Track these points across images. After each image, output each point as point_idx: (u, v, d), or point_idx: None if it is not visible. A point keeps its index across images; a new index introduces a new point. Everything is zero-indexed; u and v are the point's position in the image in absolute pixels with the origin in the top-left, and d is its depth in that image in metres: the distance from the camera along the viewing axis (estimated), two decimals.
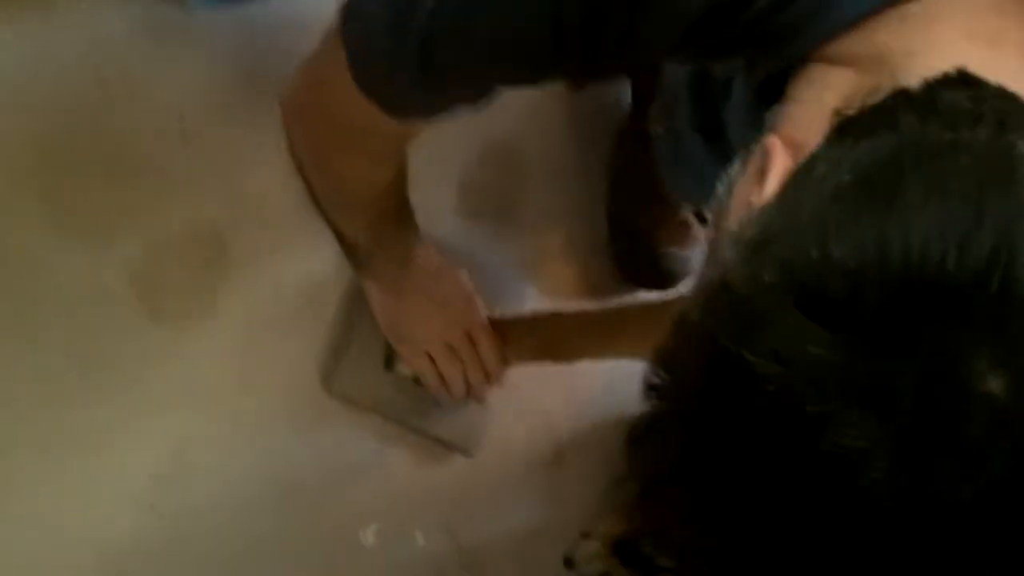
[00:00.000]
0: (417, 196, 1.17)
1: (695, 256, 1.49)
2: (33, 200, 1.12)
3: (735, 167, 0.63)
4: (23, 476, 1.13)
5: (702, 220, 1.47)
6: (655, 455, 0.56)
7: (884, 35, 0.60)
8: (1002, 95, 0.53)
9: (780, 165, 0.56)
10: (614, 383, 1.49)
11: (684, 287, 1.50)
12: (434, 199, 1.33)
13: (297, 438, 1.29)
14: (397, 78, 0.78)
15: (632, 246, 1.48)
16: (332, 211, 1.14)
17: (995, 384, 0.43)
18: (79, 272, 1.14)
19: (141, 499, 1.20)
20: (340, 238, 1.17)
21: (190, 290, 1.21)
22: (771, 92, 0.66)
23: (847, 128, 0.55)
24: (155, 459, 1.20)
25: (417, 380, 1.32)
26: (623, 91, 1.48)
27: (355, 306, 1.30)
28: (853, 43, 0.61)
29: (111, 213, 1.16)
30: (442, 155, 1.35)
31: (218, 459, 1.24)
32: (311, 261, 1.28)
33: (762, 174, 0.57)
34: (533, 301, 1.44)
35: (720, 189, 0.64)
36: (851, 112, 0.56)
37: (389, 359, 1.31)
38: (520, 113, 1.42)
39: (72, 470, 1.15)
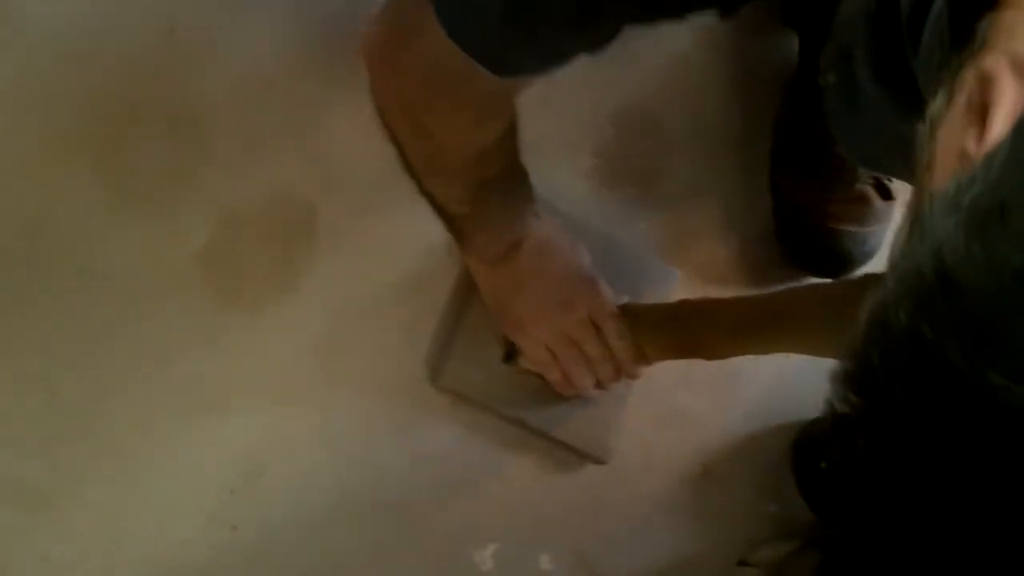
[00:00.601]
0: (540, 162, 0.99)
1: (875, 236, 1.25)
2: (87, 165, 0.98)
3: (937, 103, 0.48)
4: (77, 477, 0.99)
5: (883, 192, 1.24)
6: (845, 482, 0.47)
7: None
8: None
9: (1011, 95, 0.43)
10: (774, 384, 1.28)
11: (861, 273, 1.26)
12: (561, 166, 1.14)
13: (397, 441, 1.12)
14: (485, 17, 0.70)
15: (799, 223, 1.26)
16: (427, 178, 0.96)
17: None
18: (140, 249, 0.99)
19: (216, 514, 1.04)
20: (437, 209, 0.99)
21: (268, 268, 1.05)
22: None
23: None
24: (230, 468, 1.04)
25: (541, 375, 1.13)
26: (789, 41, 1.26)
27: (469, 285, 1.13)
28: None
29: (176, 180, 1.00)
30: (573, 114, 1.16)
31: (301, 467, 1.07)
32: (414, 233, 1.10)
33: (981, 111, 0.43)
34: (678, 288, 1.22)
35: (920, 135, 0.49)
36: None
37: (510, 351, 1.12)
38: (665, 68, 1.22)
39: (134, 480, 1.01)
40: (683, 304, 1.10)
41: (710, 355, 1.09)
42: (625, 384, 1.17)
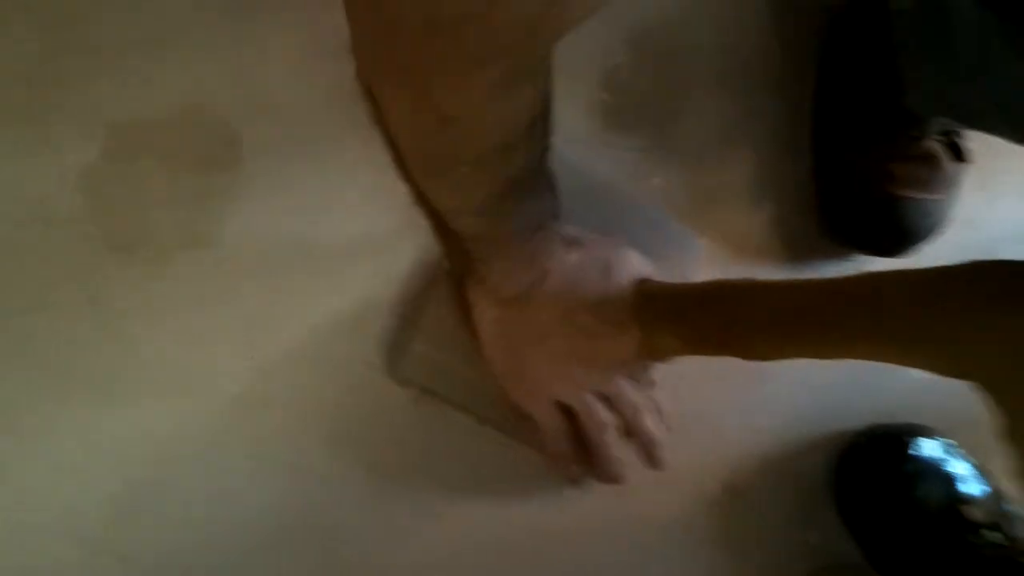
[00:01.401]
0: None
1: (941, 206, 1.01)
2: None
3: None
4: None
5: (955, 152, 1.00)
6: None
7: None
8: None
9: None
10: (814, 385, 1.03)
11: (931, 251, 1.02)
12: (561, 99, 0.87)
13: (342, 448, 0.85)
14: None
15: (847, 186, 1.01)
16: (429, 179, 0.70)
17: None
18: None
19: (95, 542, 0.77)
20: (438, 226, 0.73)
21: (171, 211, 0.78)
22: None
23: None
24: (114, 477, 0.77)
25: None
26: None
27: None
28: None
29: (53, 89, 0.73)
30: (580, 35, 0.89)
31: (213, 479, 0.81)
32: (370, 181, 0.84)
33: None
34: (700, 265, 0.97)
35: None
36: None
37: None
38: None
39: None
40: (717, 285, 0.84)
41: (748, 353, 0.83)
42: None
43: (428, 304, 0.86)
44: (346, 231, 0.84)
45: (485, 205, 0.69)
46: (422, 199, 0.72)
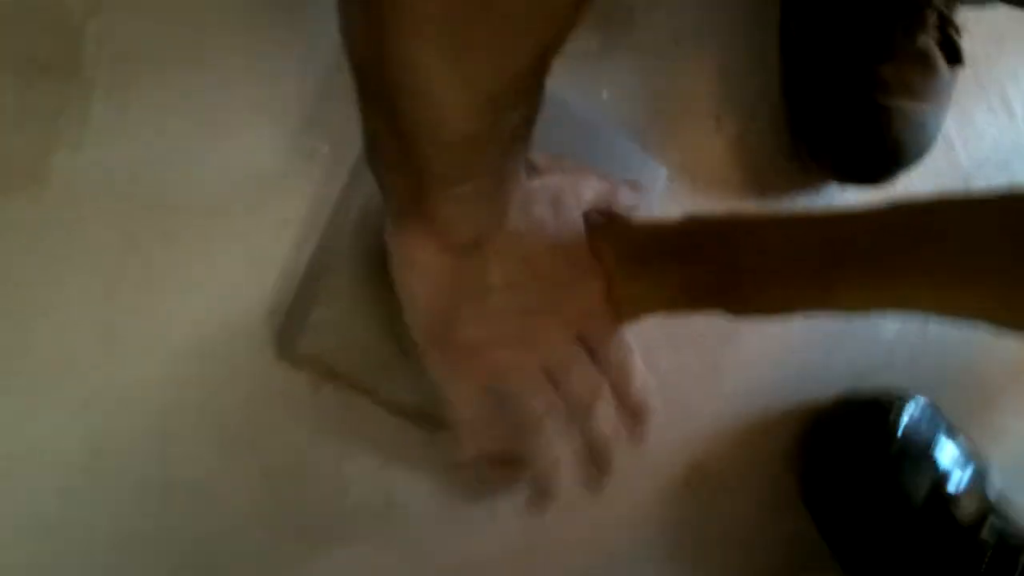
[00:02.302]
0: None
1: (934, 118, 0.85)
2: None
3: None
4: None
5: (950, 53, 0.83)
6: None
7: None
8: None
9: None
10: (787, 346, 0.87)
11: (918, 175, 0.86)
12: None
13: (219, 454, 0.64)
14: None
15: (826, 98, 0.84)
16: (463, 50, 0.48)
17: None
18: None
19: None
20: (401, 145, 0.52)
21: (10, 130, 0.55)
22: None
23: None
24: None
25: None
26: None
27: (348, 196, 0.66)
28: None
29: None
30: None
31: (59, 498, 0.58)
32: (262, 97, 0.63)
33: None
34: (667, 199, 0.79)
35: None
36: None
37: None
38: None
39: None
40: (713, 221, 0.66)
41: (746, 305, 0.65)
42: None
43: (328, 264, 0.65)
44: (222, 167, 0.63)
45: (509, 88, 0.48)
46: (383, 111, 0.51)
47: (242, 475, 0.64)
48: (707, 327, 0.82)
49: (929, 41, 0.81)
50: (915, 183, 0.89)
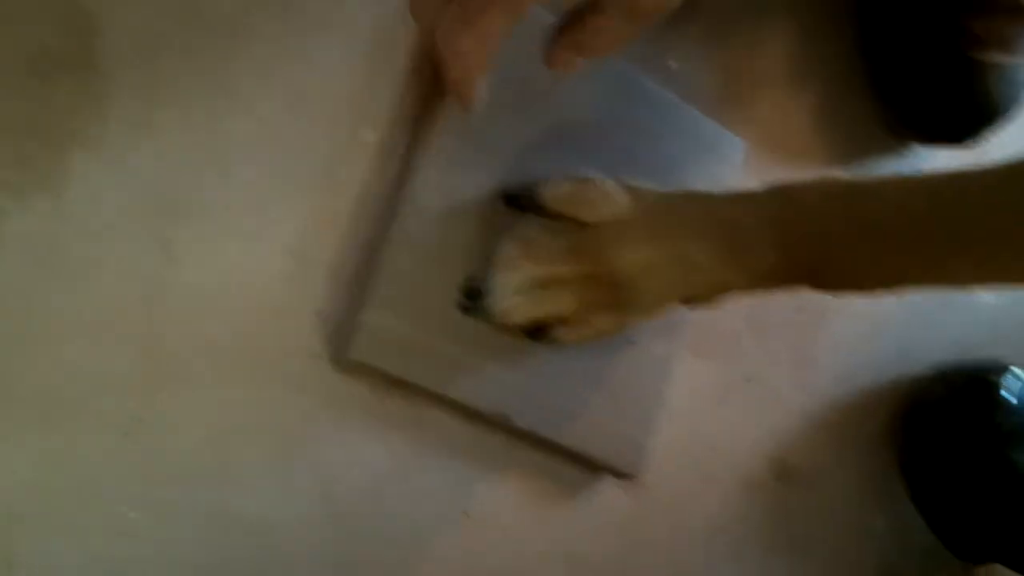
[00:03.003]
0: None
1: None
2: None
3: None
4: None
5: None
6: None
7: None
8: None
9: None
10: (882, 323, 0.80)
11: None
12: None
13: (281, 465, 0.58)
14: None
15: (910, 56, 0.77)
16: None
17: None
18: None
19: None
20: None
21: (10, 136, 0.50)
22: None
23: None
24: None
25: (538, 330, 0.61)
26: None
27: (396, 184, 0.61)
28: None
29: None
30: None
31: (93, 521, 0.53)
32: (285, 91, 0.57)
33: None
34: (746, 172, 0.72)
35: None
36: None
37: (473, 290, 0.60)
38: None
39: None
40: (800, 194, 0.59)
41: (840, 284, 0.59)
42: (667, 333, 0.67)
43: (379, 262, 0.59)
44: (258, 160, 0.57)
45: None
46: None
47: (305, 501, 0.58)
48: (793, 310, 0.76)
49: None
50: (1005, 142, 0.82)
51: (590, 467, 0.67)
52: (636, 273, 0.59)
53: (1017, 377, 0.79)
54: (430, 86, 0.60)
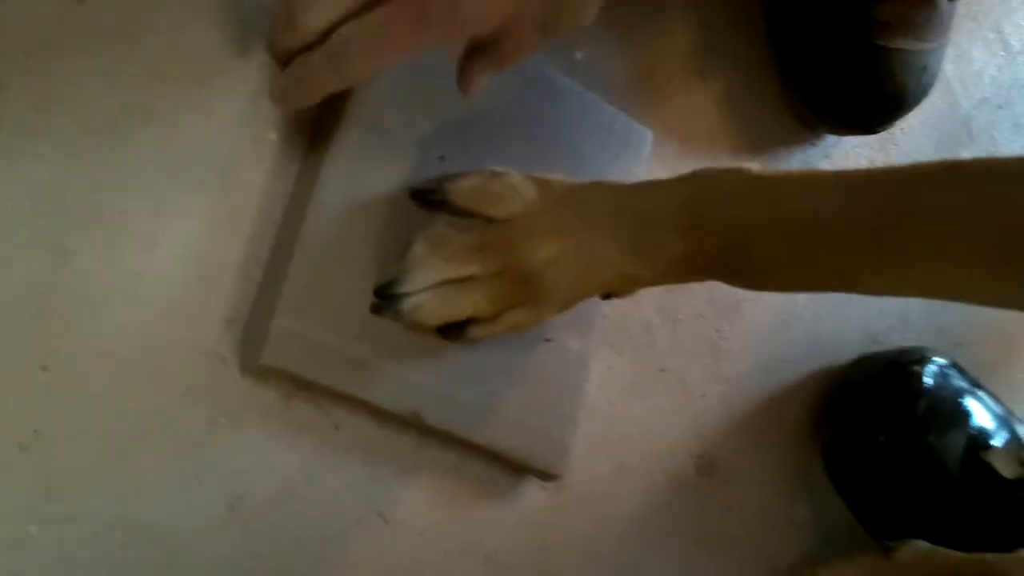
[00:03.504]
0: None
1: (935, 57, 0.79)
2: None
3: None
4: None
5: None
6: None
7: None
8: None
9: None
10: (791, 318, 0.80)
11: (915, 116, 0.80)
12: None
13: (189, 477, 0.57)
14: None
15: (817, 42, 0.77)
16: None
17: None
18: None
19: None
20: None
21: None
22: None
23: None
24: None
25: (450, 328, 0.61)
26: None
27: (304, 188, 0.60)
28: None
29: None
30: None
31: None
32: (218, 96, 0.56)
33: None
34: (654, 162, 0.72)
35: None
36: None
37: (386, 287, 0.59)
38: None
39: None
40: (713, 181, 0.59)
41: (752, 275, 0.59)
42: (582, 328, 0.67)
43: (287, 264, 0.57)
44: (160, 163, 0.55)
45: None
46: None
47: (210, 509, 0.57)
48: (705, 303, 0.76)
49: None
50: (912, 127, 0.83)
51: (510, 466, 0.67)
52: (545, 268, 0.59)
53: (930, 364, 0.80)
54: None
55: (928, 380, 0.78)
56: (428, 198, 0.60)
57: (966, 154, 0.90)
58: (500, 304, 0.60)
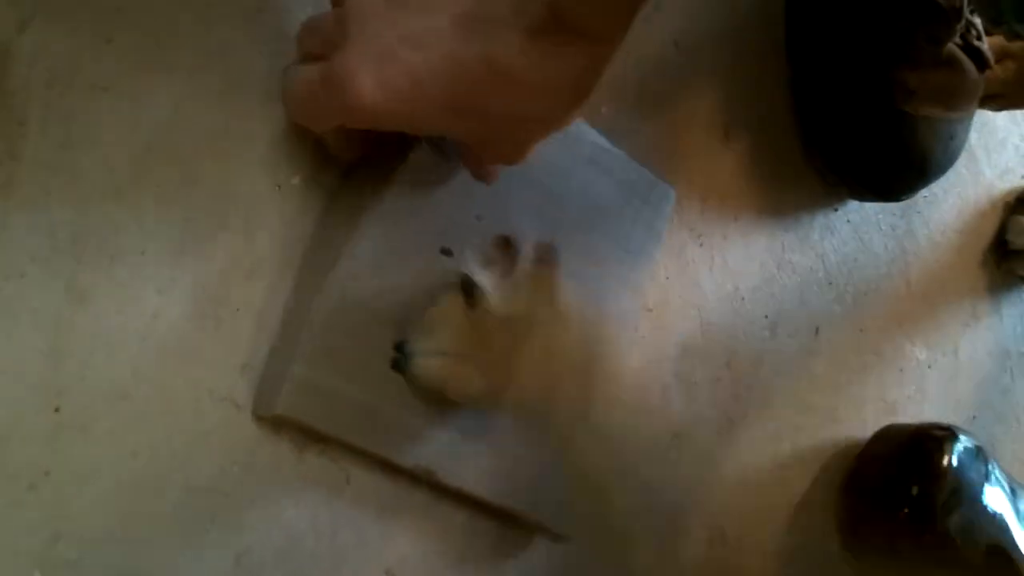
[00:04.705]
0: None
1: (962, 128, 0.78)
2: None
3: None
4: None
5: (977, 59, 0.76)
6: None
7: None
8: None
9: None
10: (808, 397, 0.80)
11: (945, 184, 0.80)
12: None
13: (198, 531, 0.55)
14: None
15: (843, 108, 0.77)
16: None
17: None
18: None
19: None
20: None
21: None
22: None
23: None
24: None
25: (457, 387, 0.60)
26: None
27: (327, 233, 0.59)
28: None
29: None
30: None
31: None
32: (217, 118, 0.55)
33: None
34: (676, 220, 0.71)
35: None
36: None
37: (403, 347, 0.58)
38: None
39: None
40: None
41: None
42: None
43: (306, 311, 0.56)
44: (180, 204, 0.55)
45: None
46: None
47: (216, 561, 0.55)
48: (723, 368, 0.75)
49: (953, 47, 0.74)
50: (936, 195, 0.82)
51: (521, 526, 0.66)
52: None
53: (961, 442, 0.79)
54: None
55: (952, 458, 0.77)
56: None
57: (988, 224, 0.89)
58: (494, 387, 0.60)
